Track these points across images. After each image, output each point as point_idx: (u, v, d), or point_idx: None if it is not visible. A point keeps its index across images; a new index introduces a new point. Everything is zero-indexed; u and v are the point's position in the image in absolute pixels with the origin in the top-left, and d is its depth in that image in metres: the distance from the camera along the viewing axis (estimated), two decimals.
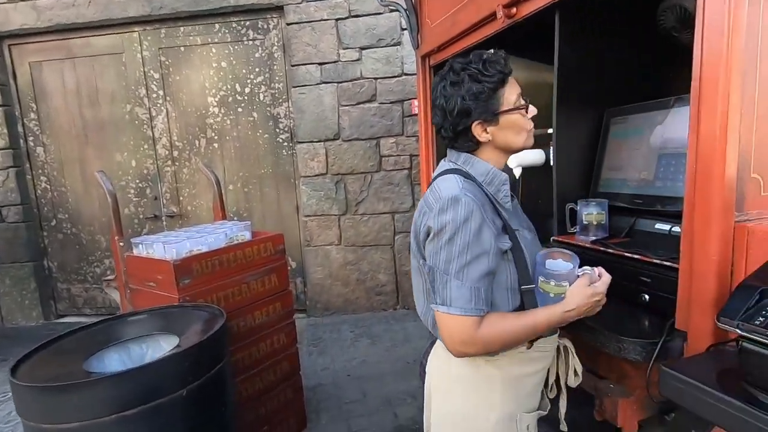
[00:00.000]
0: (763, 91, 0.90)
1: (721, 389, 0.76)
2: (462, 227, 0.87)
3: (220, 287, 1.85)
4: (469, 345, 0.88)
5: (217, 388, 1.36)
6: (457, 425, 1.02)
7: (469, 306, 0.87)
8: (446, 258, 0.88)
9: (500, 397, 0.98)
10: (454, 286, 0.87)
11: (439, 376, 1.07)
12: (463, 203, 0.88)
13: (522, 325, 0.90)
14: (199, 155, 3.67)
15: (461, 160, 1.02)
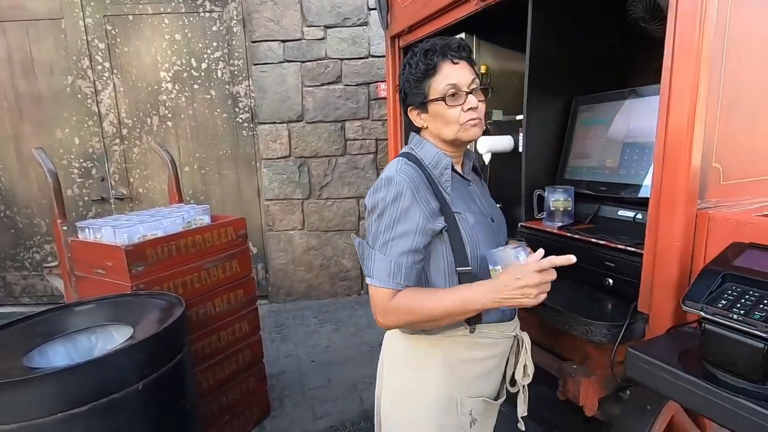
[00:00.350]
0: (727, 82, 0.93)
1: (683, 369, 0.79)
2: (390, 205, 0.92)
3: (178, 274, 1.75)
4: (382, 315, 0.92)
5: (177, 380, 1.29)
6: (400, 399, 1.06)
7: (387, 279, 0.91)
8: (374, 233, 0.94)
9: (439, 377, 1.01)
10: (377, 259, 0.92)
11: (389, 353, 1.11)
12: (394, 183, 0.92)
13: (433, 301, 0.90)
14: (151, 134, 3.44)
15: (413, 142, 1.06)
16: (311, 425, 2.19)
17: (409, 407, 1.04)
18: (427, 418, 1.02)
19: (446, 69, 0.96)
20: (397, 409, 1.07)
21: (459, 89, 0.95)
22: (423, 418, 1.02)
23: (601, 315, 1.05)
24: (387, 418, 1.11)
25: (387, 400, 1.11)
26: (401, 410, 1.06)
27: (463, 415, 1.02)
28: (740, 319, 0.71)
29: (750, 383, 0.72)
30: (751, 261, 0.78)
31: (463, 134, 0.98)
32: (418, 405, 1.02)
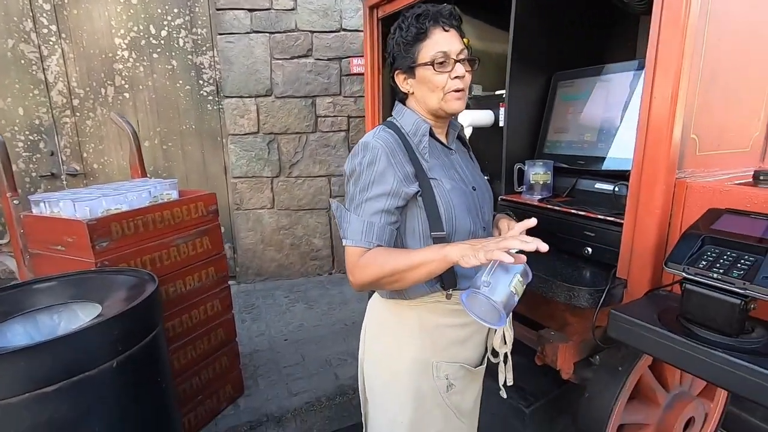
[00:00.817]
0: (707, 57, 0.97)
1: (663, 326, 0.84)
2: (366, 169, 0.94)
3: (145, 251, 1.66)
4: (351, 272, 0.94)
5: (152, 358, 1.23)
6: (383, 362, 1.09)
7: (358, 237, 0.93)
8: (350, 196, 0.97)
9: (415, 341, 1.03)
10: (352, 219, 0.94)
11: (370, 318, 1.14)
12: (370, 147, 0.94)
13: (399, 258, 0.89)
14: (106, 105, 3.20)
15: (395, 110, 1.07)
16: (286, 402, 2.17)
17: (389, 370, 1.07)
18: (404, 380, 1.04)
19: (437, 35, 0.95)
20: (379, 372, 1.10)
21: (448, 57, 0.95)
22: (401, 380, 1.05)
23: (582, 281, 1.09)
24: (370, 382, 1.13)
25: (370, 365, 1.13)
26: (382, 373, 1.09)
27: (439, 379, 1.04)
28: (719, 277, 0.76)
29: (726, 337, 0.77)
30: (728, 225, 0.83)
31: (446, 105, 0.98)
32: (397, 367, 1.05)
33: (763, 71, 1.11)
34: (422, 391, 1.04)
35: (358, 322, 2.92)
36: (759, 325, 0.82)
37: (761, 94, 1.12)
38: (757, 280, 0.71)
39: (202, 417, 1.99)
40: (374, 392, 1.12)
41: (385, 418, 1.09)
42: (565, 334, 1.30)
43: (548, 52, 1.49)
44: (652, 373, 1.33)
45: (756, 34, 1.07)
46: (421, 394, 1.04)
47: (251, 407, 2.14)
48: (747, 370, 0.72)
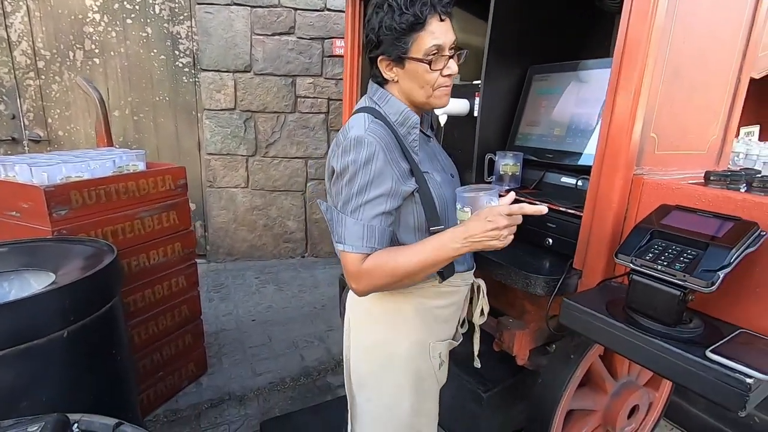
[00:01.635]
0: (671, 56, 0.99)
1: (610, 315, 0.87)
2: (362, 168, 0.87)
3: (107, 221, 1.61)
4: (356, 280, 0.89)
5: (107, 330, 1.20)
6: (375, 352, 1.06)
7: (359, 243, 0.87)
8: (345, 198, 0.89)
9: (412, 326, 1.03)
10: (348, 223, 0.88)
11: (357, 311, 1.09)
12: (365, 144, 0.87)
13: (406, 256, 0.87)
14: (74, 70, 3.06)
15: (377, 96, 0.98)
16: (250, 381, 2.17)
17: (385, 357, 1.05)
18: (403, 366, 1.04)
19: (434, 25, 0.89)
20: (372, 362, 1.07)
21: (441, 50, 0.90)
22: (399, 366, 1.04)
23: (540, 270, 1.12)
24: (361, 375, 1.10)
25: (358, 357, 1.10)
26: (376, 362, 1.06)
27: (434, 359, 1.07)
28: (662, 269, 0.79)
29: (665, 326, 0.81)
30: (676, 220, 0.86)
31: (434, 101, 0.95)
32: (395, 353, 1.04)
33: (723, 76, 1.15)
34: (420, 373, 1.06)
35: (328, 306, 2.95)
36: (697, 316, 0.86)
37: (720, 99, 1.16)
38: (696, 273, 0.75)
39: (163, 393, 1.97)
40: (366, 384, 1.09)
41: (382, 407, 1.08)
42: (523, 322, 1.34)
43: (525, 45, 1.50)
44: (602, 362, 1.39)
45: (719, 38, 1.10)
46: (420, 376, 1.06)
47: (213, 385, 2.13)
48: (681, 358, 0.76)
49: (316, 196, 3.62)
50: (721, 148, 1.24)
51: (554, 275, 1.10)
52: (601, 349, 1.31)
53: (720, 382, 0.71)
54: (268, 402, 2.07)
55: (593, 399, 1.41)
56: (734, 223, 0.80)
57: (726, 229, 0.79)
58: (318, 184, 3.59)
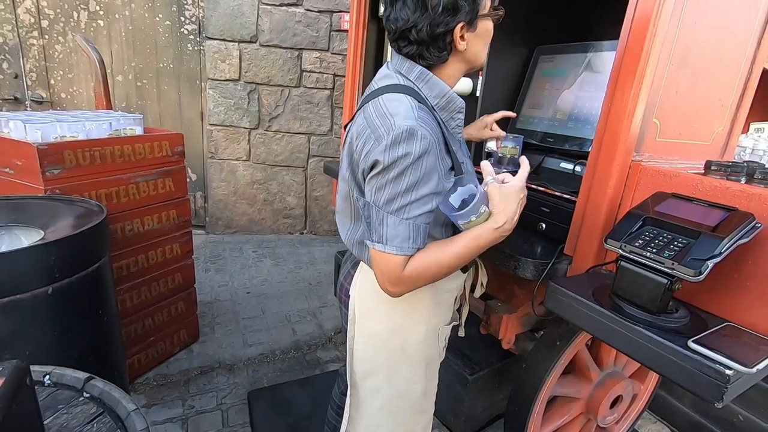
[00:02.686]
0: (680, 41, 0.95)
1: (594, 301, 0.86)
2: (413, 165, 0.78)
3: (101, 184, 1.60)
4: (395, 284, 0.83)
5: (93, 289, 1.20)
6: (388, 340, 1.00)
7: (406, 245, 0.80)
8: (390, 195, 0.80)
9: (428, 312, 1.00)
10: (391, 223, 0.80)
11: (368, 300, 1.01)
12: (419, 137, 0.77)
13: (449, 257, 0.83)
14: (77, 31, 3.02)
15: (414, 75, 0.86)
16: (241, 351, 2.20)
17: (398, 345, 1.00)
18: (418, 350, 1.01)
19: None
20: (384, 350, 1.01)
21: None
22: (414, 351, 1.01)
23: (531, 254, 1.11)
24: (370, 363, 1.04)
25: (368, 345, 1.03)
26: (389, 350, 1.01)
27: (441, 342, 1.05)
28: (651, 256, 0.77)
29: (649, 314, 0.79)
30: (670, 208, 0.84)
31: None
32: (409, 342, 0.99)
33: (734, 65, 1.11)
34: (431, 357, 1.05)
35: (323, 283, 2.96)
36: (684, 307, 0.84)
37: (729, 89, 1.12)
38: (684, 261, 0.73)
39: (154, 357, 2.00)
40: (374, 374, 1.03)
41: (393, 394, 1.04)
42: (511, 306, 1.33)
43: (534, 25, 1.46)
44: (588, 351, 1.38)
45: (732, 24, 1.05)
46: (431, 361, 1.05)
47: (204, 353, 2.16)
48: (662, 346, 0.74)
49: (317, 173, 3.60)
50: (727, 140, 1.20)
51: (544, 260, 1.09)
52: (588, 337, 1.31)
53: (699, 372, 0.70)
54: (257, 372, 2.09)
55: (577, 387, 1.41)
56: (729, 214, 0.77)
57: (720, 219, 0.77)
58: (319, 161, 3.56)
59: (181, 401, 1.85)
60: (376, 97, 0.84)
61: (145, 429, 0.57)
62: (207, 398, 1.89)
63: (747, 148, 1.31)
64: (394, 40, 0.86)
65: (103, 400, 0.63)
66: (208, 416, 1.80)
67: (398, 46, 0.86)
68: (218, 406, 1.85)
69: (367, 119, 0.83)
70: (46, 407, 0.63)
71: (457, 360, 1.71)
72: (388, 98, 0.83)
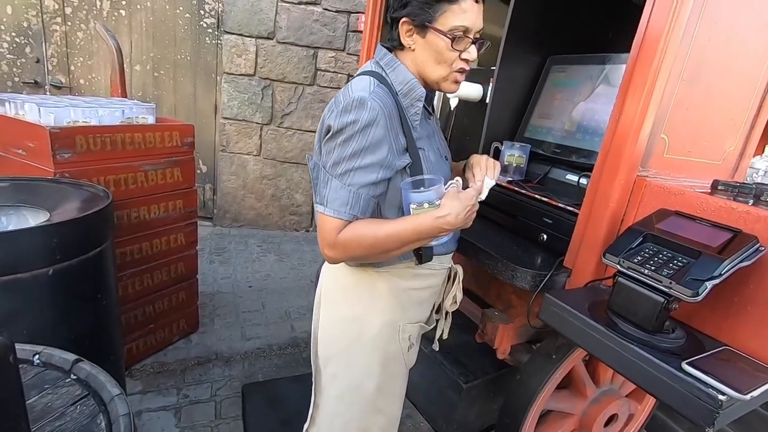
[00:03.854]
0: (693, 57, 0.93)
1: (590, 316, 0.85)
2: (360, 132, 0.83)
3: (110, 170, 1.62)
4: (330, 247, 0.86)
5: (95, 274, 1.22)
6: (345, 328, 1.03)
7: (342, 209, 0.84)
8: (336, 159, 0.85)
9: (385, 305, 1.01)
10: (334, 186, 0.85)
11: (331, 284, 1.06)
12: (368, 107, 0.83)
13: (385, 232, 0.85)
14: (100, 19, 3.07)
15: (384, 61, 0.93)
16: (239, 344, 2.21)
17: (354, 334, 1.02)
18: (373, 345, 1.02)
19: (468, 3, 0.85)
20: (340, 338, 1.04)
21: (467, 33, 0.87)
22: (369, 345, 1.02)
23: (530, 264, 1.10)
24: (329, 349, 1.06)
25: (326, 331, 1.06)
26: (345, 338, 1.03)
27: (403, 341, 1.05)
28: (649, 273, 0.76)
29: (644, 333, 0.78)
30: (672, 226, 0.82)
31: (444, 84, 0.92)
32: (365, 332, 1.01)
33: (749, 84, 1.08)
34: (389, 353, 1.04)
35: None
36: (680, 327, 0.83)
37: (743, 108, 1.10)
38: (683, 281, 0.71)
39: (153, 345, 2.02)
40: (333, 360, 1.06)
41: (347, 384, 1.06)
42: (507, 316, 1.32)
43: (547, 34, 1.44)
44: (585, 367, 1.36)
45: (748, 43, 1.03)
46: (388, 357, 1.04)
47: (203, 344, 2.17)
48: (655, 366, 0.73)
49: None
50: (738, 161, 1.17)
51: (543, 271, 1.07)
52: (585, 352, 1.29)
53: (691, 395, 0.68)
54: (253, 366, 2.10)
55: (572, 402, 1.39)
56: (732, 235, 0.76)
57: (723, 240, 0.75)
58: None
59: (176, 390, 1.87)
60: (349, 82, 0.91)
61: (126, 414, 0.57)
62: (202, 389, 1.90)
63: (760, 170, 1.28)
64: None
65: (89, 383, 0.64)
66: (201, 407, 1.81)
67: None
68: (212, 397, 1.86)
69: (335, 97, 0.90)
70: (32, 386, 0.64)
71: (453, 367, 1.70)
72: (355, 80, 0.90)
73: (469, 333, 1.72)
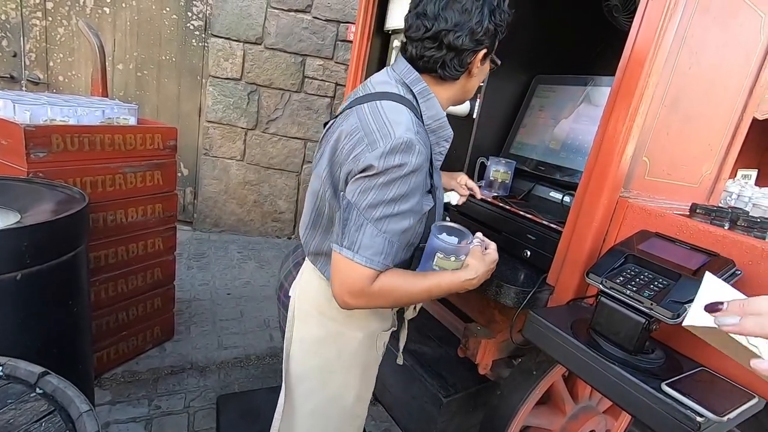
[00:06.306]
0: (674, 83, 0.97)
1: (572, 334, 0.85)
2: (405, 177, 0.77)
3: (87, 171, 1.57)
4: (356, 297, 0.81)
5: (66, 279, 1.17)
6: (324, 346, 0.99)
7: (377, 259, 0.78)
8: (373, 201, 0.78)
9: (366, 319, 1.00)
10: (368, 232, 0.78)
11: (306, 302, 1.00)
12: (416, 152, 0.77)
13: (420, 288, 0.83)
14: (83, 16, 3.00)
15: (417, 89, 0.86)
16: (215, 353, 2.15)
17: (335, 351, 0.99)
18: (353, 357, 1.00)
19: None
20: (320, 355, 1.00)
21: None
22: (350, 358, 1.00)
23: (513, 281, 1.10)
24: (304, 367, 1.02)
25: (304, 350, 1.01)
26: (324, 356, 1.00)
27: (379, 349, 1.05)
28: (631, 294, 0.77)
29: (626, 353, 0.79)
30: (653, 247, 0.84)
31: None
32: (345, 348, 0.99)
33: (725, 112, 1.13)
34: (368, 363, 1.04)
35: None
36: (660, 348, 0.84)
37: (719, 135, 1.14)
38: (663, 302, 0.73)
39: (124, 353, 1.95)
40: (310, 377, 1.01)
41: (326, 399, 1.03)
42: (490, 331, 1.32)
43: (536, 54, 1.47)
44: (564, 383, 1.37)
45: (726, 72, 1.07)
46: (366, 366, 1.04)
47: (177, 352, 2.11)
48: (635, 387, 0.74)
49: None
50: (714, 184, 1.21)
51: (526, 287, 1.08)
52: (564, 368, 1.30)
53: (670, 416, 0.69)
54: (230, 377, 2.05)
55: (550, 418, 1.39)
56: (710, 258, 0.78)
57: (701, 263, 0.77)
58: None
59: (148, 400, 1.80)
60: (373, 100, 0.83)
61: None
62: (175, 399, 1.84)
63: (733, 194, 1.33)
64: (419, 40, 0.83)
65: (56, 398, 0.61)
66: (174, 418, 1.75)
67: (421, 47, 0.83)
68: (185, 408, 1.80)
69: (361, 120, 0.81)
70: None
71: (433, 380, 1.69)
72: (389, 106, 0.81)
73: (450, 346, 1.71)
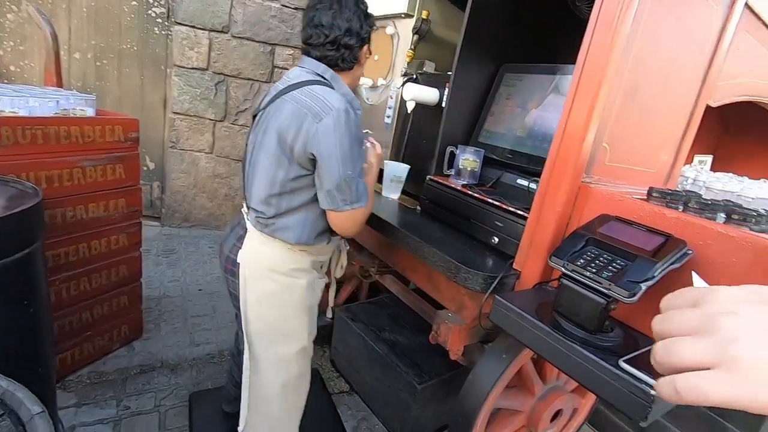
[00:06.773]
0: (632, 71, 0.99)
1: (536, 317, 0.87)
2: (355, 137, 1.02)
3: (42, 165, 1.50)
4: (358, 228, 1.12)
5: (21, 279, 1.12)
6: (282, 295, 1.18)
7: (365, 196, 1.08)
8: (352, 166, 1.02)
9: (309, 270, 1.21)
10: (362, 187, 1.06)
11: (254, 264, 1.17)
12: (352, 116, 1.02)
13: None
14: (34, 2, 2.83)
15: (329, 75, 1.11)
16: (186, 351, 2.10)
17: (286, 300, 1.18)
18: (302, 302, 1.20)
19: None
20: (271, 309, 1.19)
21: None
22: (299, 302, 1.20)
23: (481, 267, 1.12)
24: (264, 322, 1.19)
25: (257, 307, 1.19)
26: (275, 309, 1.19)
27: (316, 293, 1.26)
28: (591, 276, 0.79)
29: (586, 333, 0.81)
30: (612, 230, 0.87)
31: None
32: (295, 294, 1.19)
33: (681, 100, 1.17)
34: (312, 304, 1.25)
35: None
36: (619, 327, 0.87)
37: (675, 122, 1.18)
38: (620, 282, 0.75)
39: (90, 354, 1.88)
40: (268, 329, 1.20)
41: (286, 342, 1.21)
42: (461, 317, 1.34)
43: (502, 43, 1.49)
44: (533, 365, 1.41)
45: (680, 62, 1.11)
46: (312, 307, 1.25)
47: (147, 351, 2.05)
48: (595, 365, 0.76)
49: None
50: (671, 170, 1.26)
51: (494, 273, 1.10)
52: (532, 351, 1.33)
53: (627, 391, 0.72)
54: (202, 373, 2.01)
55: (520, 400, 1.43)
56: (664, 239, 0.81)
57: (656, 244, 0.80)
58: None
59: (116, 401, 1.75)
60: (299, 88, 1.05)
61: None
62: (144, 399, 1.79)
63: (689, 178, 1.38)
64: (321, 44, 1.08)
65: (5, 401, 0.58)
66: (144, 418, 1.70)
67: (323, 50, 1.09)
68: (156, 407, 1.76)
69: (299, 103, 1.03)
70: None
71: (407, 368, 1.71)
72: (317, 88, 1.05)
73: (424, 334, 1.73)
